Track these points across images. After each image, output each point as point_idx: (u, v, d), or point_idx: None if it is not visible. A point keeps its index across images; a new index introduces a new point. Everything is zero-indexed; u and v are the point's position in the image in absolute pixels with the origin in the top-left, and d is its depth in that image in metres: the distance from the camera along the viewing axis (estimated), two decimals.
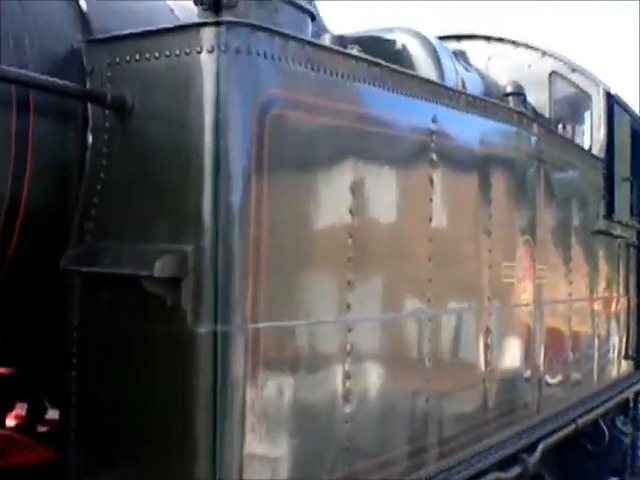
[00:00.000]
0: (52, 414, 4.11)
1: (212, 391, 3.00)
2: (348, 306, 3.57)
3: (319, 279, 3.46)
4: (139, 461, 3.13)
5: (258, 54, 3.13)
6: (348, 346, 3.58)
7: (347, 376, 3.59)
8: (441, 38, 7.03)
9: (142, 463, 3.13)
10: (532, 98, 6.92)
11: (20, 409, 4.23)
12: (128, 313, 3.13)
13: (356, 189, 3.63)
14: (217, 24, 3.06)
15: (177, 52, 3.09)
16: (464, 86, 5.78)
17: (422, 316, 4.20)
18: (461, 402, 4.70)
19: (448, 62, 5.99)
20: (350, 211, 3.60)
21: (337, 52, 3.64)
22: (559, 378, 6.31)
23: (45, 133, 3.14)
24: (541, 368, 5.83)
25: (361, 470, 3.75)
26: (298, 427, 3.34)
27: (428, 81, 4.54)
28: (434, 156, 4.29)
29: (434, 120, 4.29)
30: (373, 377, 3.81)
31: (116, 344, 3.17)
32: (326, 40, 3.98)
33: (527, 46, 7.94)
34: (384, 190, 3.89)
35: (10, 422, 4.23)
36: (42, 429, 4.07)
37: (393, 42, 5.91)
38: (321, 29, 5.19)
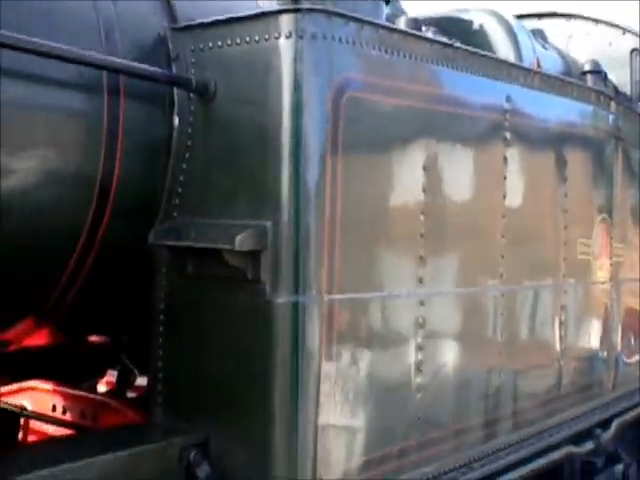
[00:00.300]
0: (140, 381, 4.38)
1: (289, 359, 3.18)
2: (420, 280, 3.71)
3: (391, 254, 3.60)
4: (220, 424, 3.32)
5: (333, 39, 3.27)
6: (420, 319, 3.72)
7: (419, 348, 3.72)
8: (521, 17, 7.06)
9: (223, 426, 3.32)
10: (613, 76, 6.87)
11: (111, 376, 4.51)
12: (210, 284, 3.33)
13: (429, 168, 3.75)
14: (294, 11, 3.22)
15: (256, 38, 3.26)
16: (539, 65, 5.80)
17: (494, 292, 4.30)
18: (535, 376, 4.78)
19: (526, 41, 6.02)
20: (423, 189, 3.72)
21: (410, 35, 3.75)
22: (636, 357, 6.31)
23: (135, 116, 3.34)
24: (618, 347, 5.85)
25: (434, 439, 3.89)
26: (371, 397, 3.48)
27: (502, 61, 4.61)
28: (508, 135, 4.37)
29: (508, 99, 4.37)
30: (444, 349, 3.94)
31: (199, 314, 3.37)
32: (401, 23, 4.08)
33: (608, 24, 7.87)
34: (457, 168, 4.00)
35: (102, 388, 4.52)
36: (131, 394, 4.33)
37: (470, 22, 5.97)
38: (397, 11, 5.30)
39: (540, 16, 8.12)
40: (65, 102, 3.18)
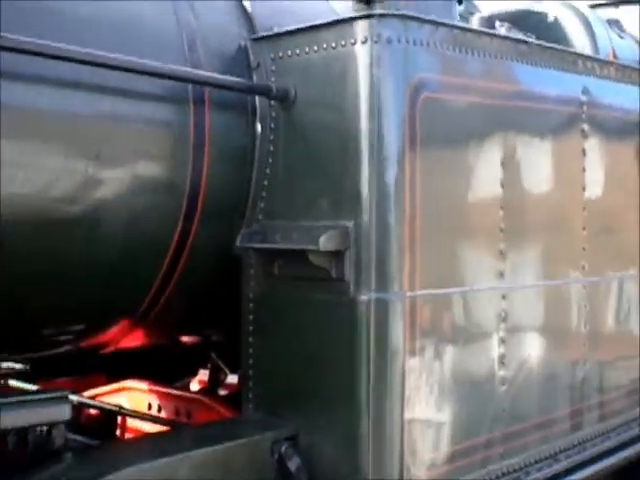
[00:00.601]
0: (231, 379, 4.53)
1: (374, 355, 3.28)
2: (501, 274, 3.76)
3: (472, 249, 3.68)
4: (309, 418, 3.44)
5: (408, 42, 3.36)
6: (502, 313, 3.78)
7: (502, 341, 3.78)
8: (595, 6, 6.99)
9: (311, 420, 3.44)
10: None
11: (203, 375, 4.67)
12: (296, 284, 3.46)
13: (507, 163, 3.81)
14: (369, 17, 3.32)
15: (333, 45, 3.37)
16: (615, 55, 5.76)
17: (576, 284, 4.32)
18: (620, 367, 4.76)
19: (601, 31, 5.97)
20: (501, 184, 3.78)
21: (484, 33, 3.81)
22: None
23: (219, 125, 3.48)
24: None
25: (519, 430, 3.94)
26: (455, 390, 3.56)
27: (577, 54, 4.61)
28: (585, 127, 4.38)
29: (584, 91, 4.38)
30: (527, 342, 3.98)
31: (286, 313, 3.50)
32: (474, 21, 4.15)
33: None
34: (535, 163, 4.03)
35: (194, 386, 4.69)
36: (222, 392, 4.49)
37: (544, 15, 5.95)
38: (471, 8, 5.35)
39: (617, 3, 8.01)
40: (154, 114, 3.35)
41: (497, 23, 4.31)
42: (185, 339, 4.40)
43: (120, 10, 3.33)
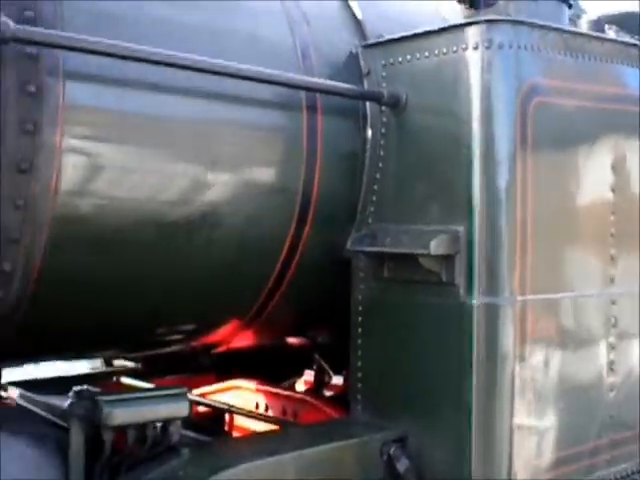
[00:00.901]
0: (336, 380, 4.60)
1: (484, 360, 3.30)
2: (611, 280, 3.73)
3: (582, 254, 3.65)
4: (417, 421, 3.47)
5: (519, 47, 3.37)
6: (612, 319, 3.75)
7: (611, 347, 3.75)
8: None
9: (420, 423, 3.47)
10: None
11: (309, 376, 4.75)
12: (405, 287, 3.50)
13: (617, 167, 3.77)
14: (480, 22, 3.34)
15: (444, 50, 3.41)
16: None
17: None
18: None
19: None
20: (612, 189, 3.75)
21: (594, 37, 3.78)
22: None
23: (331, 131, 3.56)
24: None
25: (627, 437, 3.89)
26: (564, 396, 3.54)
27: None
28: None
29: None
30: (636, 348, 3.93)
31: (395, 315, 3.54)
32: (583, 25, 4.12)
33: None
34: None
35: (299, 387, 4.77)
36: (328, 393, 4.55)
37: None
38: (578, 11, 5.29)
39: None
40: (268, 120, 3.45)
41: (605, 26, 4.27)
42: (290, 340, 4.48)
43: (235, 20, 3.44)
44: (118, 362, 4.82)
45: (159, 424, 3.10)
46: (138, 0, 3.16)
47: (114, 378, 4.67)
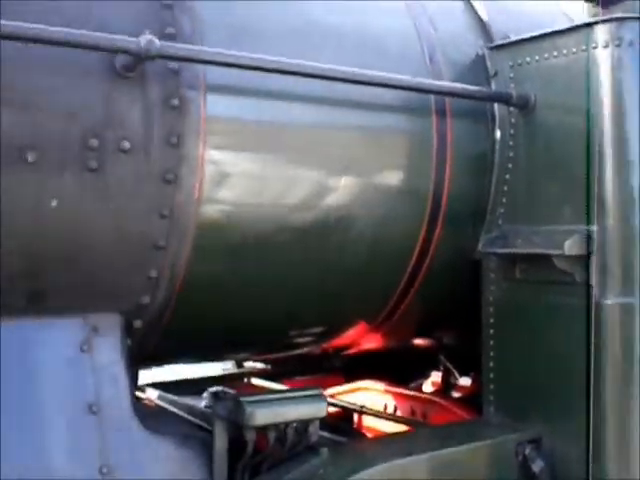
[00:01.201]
0: (464, 381, 4.60)
1: (619, 360, 3.28)
2: None
3: None
4: (551, 422, 3.47)
5: None
6: None
7: None
8: None
9: (554, 424, 3.46)
10: None
11: (436, 377, 4.77)
12: (537, 288, 3.49)
13: None
14: (609, 20, 3.32)
15: (574, 50, 3.39)
16: None
17: None
18: None
19: None
20: None
21: None
22: None
23: (460, 133, 3.58)
24: None
25: None
26: None
27: None
28: None
29: None
30: None
31: (528, 316, 3.54)
32: None
33: None
34: None
35: (427, 388, 4.79)
36: (456, 394, 4.56)
37: None
38: None
39: None
40: (398, 124, 3.49)
41: None
42: (417, 342, 4.51)
43: (364, 25, 3.49)
44: (248, 364, 4.94)
45: (297, 424, 3.16)
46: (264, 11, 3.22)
47: (244, 379, 4.78)
